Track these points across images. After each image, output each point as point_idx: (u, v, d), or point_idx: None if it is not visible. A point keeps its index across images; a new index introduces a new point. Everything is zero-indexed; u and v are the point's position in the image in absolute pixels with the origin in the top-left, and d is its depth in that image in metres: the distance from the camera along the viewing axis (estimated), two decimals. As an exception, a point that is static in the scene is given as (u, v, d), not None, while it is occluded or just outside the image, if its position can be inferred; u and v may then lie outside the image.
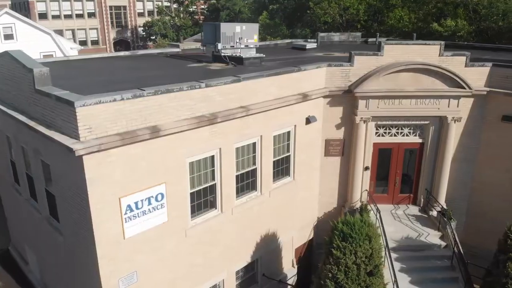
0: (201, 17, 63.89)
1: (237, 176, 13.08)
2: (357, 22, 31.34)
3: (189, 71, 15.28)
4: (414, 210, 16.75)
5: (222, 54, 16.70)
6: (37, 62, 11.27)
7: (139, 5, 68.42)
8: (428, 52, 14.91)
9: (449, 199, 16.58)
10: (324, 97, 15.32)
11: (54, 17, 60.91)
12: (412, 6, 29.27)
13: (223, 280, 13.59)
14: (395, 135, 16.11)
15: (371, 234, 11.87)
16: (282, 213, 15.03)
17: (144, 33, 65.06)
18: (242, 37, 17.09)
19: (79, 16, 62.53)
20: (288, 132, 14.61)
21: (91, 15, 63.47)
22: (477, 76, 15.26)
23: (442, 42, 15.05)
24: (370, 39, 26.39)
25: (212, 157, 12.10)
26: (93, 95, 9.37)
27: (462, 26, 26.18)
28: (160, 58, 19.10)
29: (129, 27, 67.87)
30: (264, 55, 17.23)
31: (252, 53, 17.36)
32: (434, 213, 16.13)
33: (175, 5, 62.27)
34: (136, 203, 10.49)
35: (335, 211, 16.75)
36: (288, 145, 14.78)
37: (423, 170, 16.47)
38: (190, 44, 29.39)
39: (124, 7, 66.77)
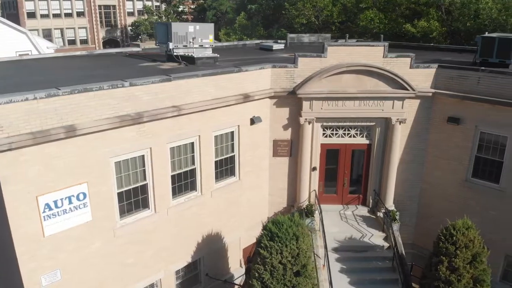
0: (190, 17, 63.90)
1: (173, 176, 13.10)
2: (332, 24, 31.34)
3: (135, 70, 15.24)
4: (363, 210, 16.76)
5: (174, 54, 16.72)
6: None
7: (128, 5, 68.42)
8: (373, 54, 14.91)
9: (399, 200, 16.60)
10: (271, 98, 15.34)
11: (42, 16, 60.91)
12: (385, 8, 29.24)
13: (160, 279, 13.60)
14: (342, 136, 16.11)
15: (298, 234, 11.90)
16: (227, 213, 15.05)
17: (132, 33, 65.14)
18: (195, 36, 17.06)
19: (68, 15, 62.51)
20: (232, 132, 14.62)
21: (80, 14, 63.43)
22: (423, 78, 15.27)
23: (386, 43, 15.06)
24: (340, 40, 26.39)
25: (143, 156, 12.11)
26: (4, 95, 9.39)
27: (435, 27, 26.15)
28: (116, 57, 19.11)
29: (119, 26, 67.91)
30: (219, 55, 17.20)
31: (207, 53, 17.36)
32: (381, 214, 16.13)
33: (163, 5, 62.27)
34: (55, 202, 10.50)
35: (285, 211, 16.74)
36: (233, 145, 14.80)
37: (371, 171, 16.48)
38: (152, 44, 29.39)
39: (114, 6, 66.75)
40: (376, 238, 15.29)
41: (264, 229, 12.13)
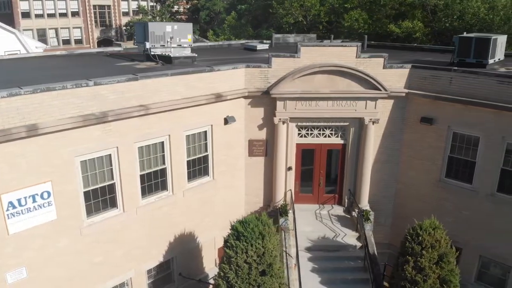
0: (184, 17, 63.93)
1: (142, 176, 13.12)
2: (320, 24, 31.39)
3: (111, 69, 15.22)
4: (338, 210, 16.79)
5: (151, 53, 16.77)
6: None
7: (124, 5, 68.47)
8: (346, 54, 14.93)
9: (374, 200, 16.63)
10: (245, 97, 15.38)
11: (37, 16, 60.93)
12: (371, 8, 29.28)
13: (131, 278, 13.63)
14: (317, 136, 16.15)
15: (264, 233, 11.92)
16: (200, 213, 15.06)
17: (126, 33, 65.23)
18: (173, 36, 17.12)
19: (63, 15, 62.55)
20: (205, 132, 14.65)
21: (74, 14, 63.47)
22: (397, 78, 15.29)
23: (359, 44, 15.09)
24: (325, 41, 26.40)
25: (109, 156, 12.14)
26: (-37, 93, 9.45)
27: (418, 28, 26.20)
28: (97, 57, 19.14)
29: (114, 26, 67.94)
30: (196, 55, 17.24)
31: (185, 53, 17.40)
32: (356, 213, 16.15)
33: (158, 5, 62.33)
34: (19, 200, 10.56)
35: (261, 210, 16.75)
36: (206, 144, 14.82)
37: (346, 171, 16.51)
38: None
39: (109, 6, 66.79)
40: (349, 237, 15.31)
41: (232, 228, 12.16)
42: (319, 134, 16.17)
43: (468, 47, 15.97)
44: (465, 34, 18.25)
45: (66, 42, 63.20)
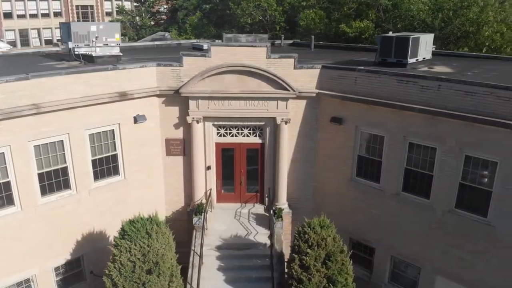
0: (164, 17, 63.99)
1: (41, 174, 13.26)
2: (277, 24, 31.47)
3: (29, 69, 15.24)
4: (259, 209, 16.92)
5: (75, 53, 16.91)
6: None
7: (107, 5, 68.79)
8: (256, 54, 15.04)
9: (294, 199, 16.73)
10: (158, 96, 15.49)
11: (19, 16, 61.34)
12: (329, 8, 29.34)
13: (35, 275, 13.76)
14: (236, 136, 16.27)
15: (151, 232, 12.06)
16: (112, 212, 15.02)
17: (107, 33, 65.27)
18: (99, 36, 17.22)
19: (45, 15, 62.93)
20: (112, 131, 14.75)
21: (57, 14, 63.82)
22: (308, 78, 15.37)
23: (268, 44, 15.23)
24: (276, 41, 26.50)
25: (2, 154, 12.28)
26: None
27: (367, 28, 26.24)
28: (30, 57, 19.26)
29: (97, 26, 68.05)
30: (122, 54, 17.29)
31: (111, 51, 17.48)
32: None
33: (137, 5, 62.45)
34: None
35: (182, 209, 16.93)
36: (114, 143, 14.91)
37: (266, 170, 16.61)
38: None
39: (91, 7, 67.13)
40: (261, 236, 15.42)
41: (121, 227, 12.30)
42: (238, 133, 16.29)
43: (389, 46, 16.05)
44: (390, 34, 18.34)
45: (49, 42, 63.34)
